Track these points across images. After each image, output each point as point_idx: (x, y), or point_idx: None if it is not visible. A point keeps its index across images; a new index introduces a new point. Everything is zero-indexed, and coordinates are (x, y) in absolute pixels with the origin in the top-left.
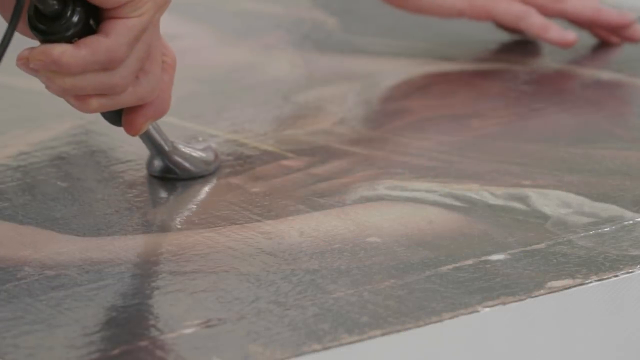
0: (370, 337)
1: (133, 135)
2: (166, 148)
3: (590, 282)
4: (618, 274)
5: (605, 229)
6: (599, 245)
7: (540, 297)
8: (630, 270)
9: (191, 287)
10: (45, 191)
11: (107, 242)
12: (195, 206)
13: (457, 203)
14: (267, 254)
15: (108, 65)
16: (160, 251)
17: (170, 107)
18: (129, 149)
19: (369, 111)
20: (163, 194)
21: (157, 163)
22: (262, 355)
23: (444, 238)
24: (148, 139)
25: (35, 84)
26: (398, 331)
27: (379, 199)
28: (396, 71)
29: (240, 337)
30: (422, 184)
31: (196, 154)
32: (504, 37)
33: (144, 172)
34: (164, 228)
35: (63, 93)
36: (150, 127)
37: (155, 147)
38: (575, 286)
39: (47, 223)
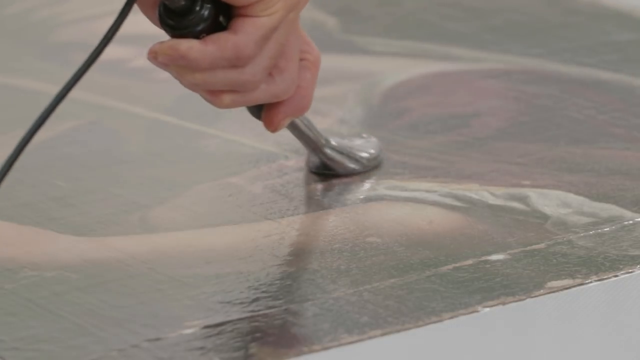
0: (370, 337)
1: (273, 131)
2: (317, 143)
3: (590, 282)
4: (618, 274)
5: (605, 229)
6: (599, 245)
7: (540, 297)
8: (630, 270)
9: (191, 287)
10: (45, 191)
11: (107, 242)
12: (195, 206)
13: (457, 203)
14: (267, 254)
15: (236, 63)
16: (160, 251)
17: (170, 107)
18: (129, 149)
19: (369, 111)
20: (163, 194)
21: (313, 159)
22: (262, 355)
23: (444, 238)
24: (299, 135)
25: (35, 84)
26: (398, 331)
27: (379, 199)
28: (396, 71)
29: (240, 337)
30: (422, 184)
31: (352, 149)
32: (504, 37)
33: (143, 172)
34: (164, 228)
35: (195, 88)
36: (300, 123)
37: (308, 144)
38: (575, 286)
39: (47, 223)
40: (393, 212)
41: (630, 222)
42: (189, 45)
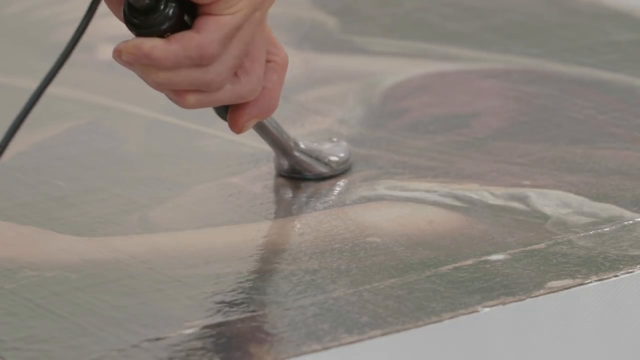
0: (370, 337)
1: (237, 132)
2: (286, 146)
3: (590, 282)
4: (618, 274)
5: (605, 229)
6: (599, 245)
7: (540, 297)
8: (630, 270)
9: (191, 287)
10: (45, 191)
11: (107, 242)
12: (195, 206)
13: (457, 203)
14: (267, 254)
15: (200, 62)
16: (160, 251)
17: (170, 107)
18: (129, 149)
19: (369, 111)
20: (163, 194)
21: (282, 162)
22: (262, 355)
23: (444, 238)
24: (267, 137)
25: (35, 84)
26: (398, 331)
27: (379, 199)
28: (396, 71)
29: (240, 337)
30: (422, 184)
31: (321, 152)
32: (504, 37)
33: (143, 172)
34: (164, 228)
35: (159, 87)
36: (269, 125)
37: (276, 146)
38: (575, 286)
39: (47, 223)
40: (393, 212)
41: (630, 222)
42: (152, 45)
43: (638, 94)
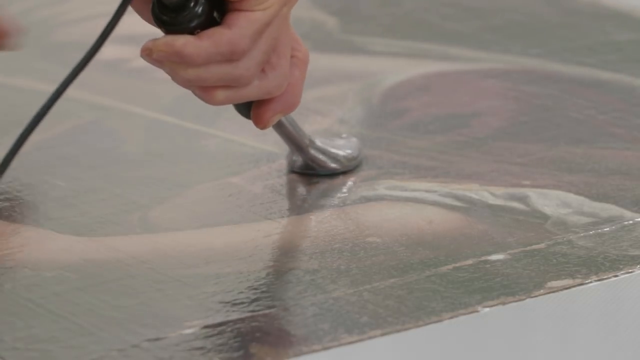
0: (370, 337)
1: (262, 128)
2: (301, 143)
3: (590, 282)
4: (618, 274)
5: (605, 229)
6: (599, 245)
7: (540, 297)
8: (630, 270)
9: (191, 287)
10: (45, 191)
11: (107, 242)
12: (195, 206)
13: (457, 203)
14: (267, 254)
15: (230, 57)
16: (160, 251)
17: (170, 106)
18: (129, 149)
19: (369, 111)
20: (163, 194)
21: (296, 159)
22: (262, 355)
23: (444, 238)
24: (284, 134)
25: (36, 84)
26: (398, 331)
27: (379, 199)
28: (396, 71)
29: (240, 337)
30: (422, 184)
31: (334, 149)
32: (504, 37)
33: (143, 172)
34: (164, 228)
35: (188, 84)
36: (286, 122)
37: (292, 143)
38: (575, 286)
39: (47, 223)
40: (393, 212)
41: (630, 222)
42: (184, 42)
43: (638, 94)
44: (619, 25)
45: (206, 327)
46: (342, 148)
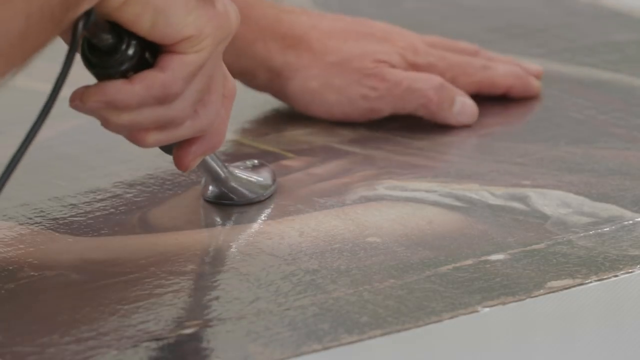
0: (370, 337)
1: (183, 171)
2: (222, 175)
3: (590, 282)
4: (618, 274)
5: (605, 229)
6: (599, 245)
7: (540, 297)
8: (630, 270)
9: (191, 287)
10: (45, 191)
11: (107, 242)
12: (195, 206)
13: (457, 203)
14: (267, 254)
15: (164, 100)
16: (160, 251)
17: None
18: (129, 149)
19: None
20: (163, 194)
21: (212, 189)
22: (262, 355)
23: (443, 238)
24: (204, 165)
25: (35, 84)
26: (398, 331)
27: (379, 199)
28: None
29: (240, 337)
30: (422, 184)
31: (253, 178)
32: (504, 37)
33: (143, 172)
34: (164, 228)
35: (119, 129)
36: (207, 156)
37: (210, 174)
38: (575, 286)
39: (47, 223)
40: (393, 212)
41: (630, 222)
42: (116, 88)
43: (638, 94)
44: (619, 25)
45: (206, 327)
46: (258, 177)
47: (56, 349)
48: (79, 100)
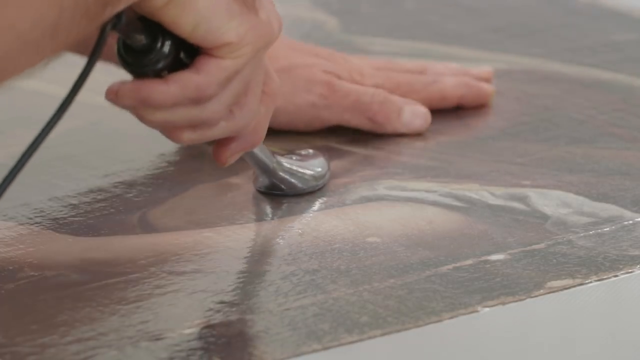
0: (370, 337)
1: (221, 166)
2: (270, 165)
3: (590, 282)
4: (618, 274)
5: (605, 229)
6: (599, 245)
7: (540, 297)
8: (630, 270)
9: (191, 287)
10: (45, 191)
11: (107, 242)
12: (195, 206)
13: (457, 203)
14: (267, 254)
15: (198, 102)
16: (160, 251)
17: None
18: (129, 149)
19: None
20: (163, 194)
21: (263, 180)
22: (262, 355)
23: (443, 238)
24: (250, 157)
25: (35, 83)
26: (398, 331)
27: (379, 199)
28: None
29: (240, 337)
30: (422, 184)
31: (302, 169)
32: (504, 37)
33: (143, 172)
34: (164, 228)
35: (153, 126)
36: (258, 149)
37: (258, 165)
38: (575, 286)
39: (47, 223)
40: (393, 212)
41: (630, 222)
42: (151, 87)
43: (638, 94)
44: (619, 25)
45: (206, 327)
46: (309, 167)
47: (56, 349)
48: (114, 95)
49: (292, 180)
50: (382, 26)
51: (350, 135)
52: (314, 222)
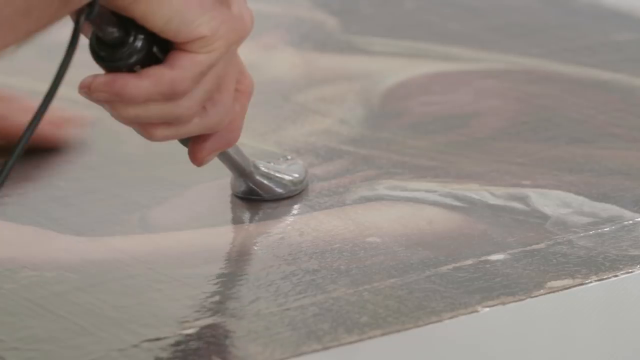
0: (370, 337)
1: (197, 165)
2: (246, 169)
3: (590, 282)
4: (618, 274)
5: (605, 229)
6: (599, 245)
7: (540, 297)
8: (630, 270)
9: (191, 287)
10: (45, 191)
11: (107, 242)
12: (195, 206)
13: (457, 203)
14: (267, 254)
15: (171, 97)
16: (160, 251)
17: None
18: (129, 149)
19: (369, 111)
20: (163, 194)
21: (240, 184)
22: (262, 355)
23: (443, 238)
24: (227, 160)
25: (35, 84)
26: (398, 331)
27: (379, 199)
28: (396, 71)
29: (240, 337)
30: (422, 184)
31: (279, 173)
32: (504, 37)
33: (143, 172)
34: (164, 228)
35: (127, 122)
36: (230, 150)
37: (235, 169)
38: (575, 286)
39: (47, 223)
40: (393, 212)
41: (630, 222)
42: (123, 82)
43: (638, 94)
44: (619, 25)
45: (206, 327)
46: (287, 172)
47: (56, 349)
48: (87, 89)
49: (269, 185)
50: (382, 26)
51: (350, 135)
52: (314, 222)
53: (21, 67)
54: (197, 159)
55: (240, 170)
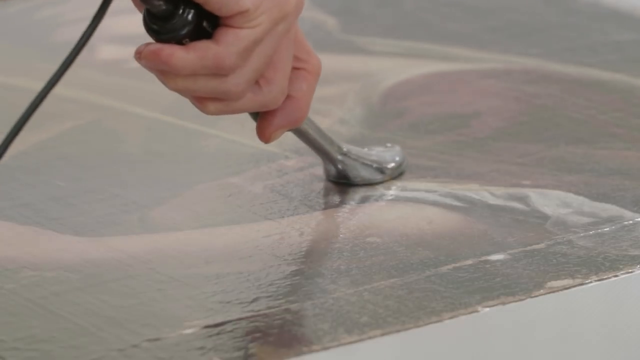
0: (370, 337)
1: (265, 142)
2: (333, 154)
3: (590, 282)
4: (618, 274)
5: (605, 229)
6: (599, 245)
7: (540, 297)
8: (630, 270)
9: (191, 287)
10: (45, 191)
11: (107, 242)
12: (195, 206)
13: (457, 203)
14: (267, 254)
15: (217, 72)
16: (160, 251)
17: (170, 106)
18: (129, 149)
19: (369, 111)
20: (163, 194)
21: (329, 168)
22: (262, 355)
23: (443, 238)
24: (309, 142)
25: (36, 84)
26: (398, 331)
27: (379, 199)
28: (396, 71)
29: (240, 337)
30: (422, 184)
31: (368, 159)
32: (504, 37)
33: (143, 172)
34: (164, 228)
35: (178, 92)
36: (310, 131)
37: (320, 152)
38: (575, 286)
39: (47, 223)
40: (393, 212)
41: (630, 222)
42: (170, 52)
43: (638, 94)
44: (619, 25)
45: (206, 327)
46: (380, 157)
47: (56, 349)
48: (139, 54)
49: (357, 169)
50: (382, 26)
51: (350, 135)
52: (314, 222)
53: (21, 67)
54: (264, 135)
55: (324, 152)
